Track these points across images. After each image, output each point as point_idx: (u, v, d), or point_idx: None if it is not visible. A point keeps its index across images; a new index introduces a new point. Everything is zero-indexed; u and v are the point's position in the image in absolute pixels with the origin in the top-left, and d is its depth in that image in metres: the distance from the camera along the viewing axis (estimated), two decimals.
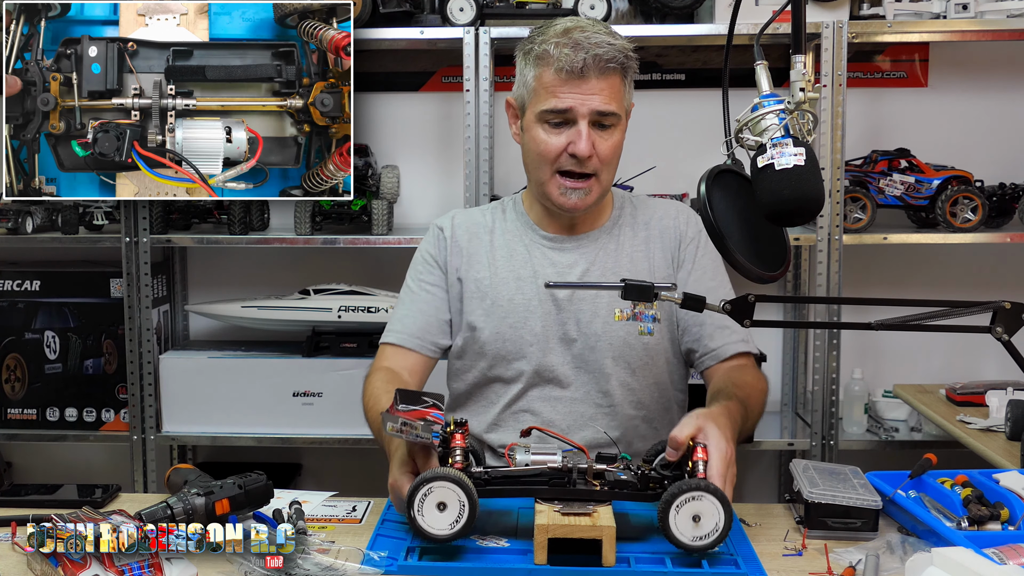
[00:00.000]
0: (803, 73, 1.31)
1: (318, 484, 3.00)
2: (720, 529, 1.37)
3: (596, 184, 1.82)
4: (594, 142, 1.77)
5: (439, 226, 1.97)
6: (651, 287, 1.33)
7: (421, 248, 1.99)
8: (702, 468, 1.43)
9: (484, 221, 1.96)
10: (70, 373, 2.94)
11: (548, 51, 1.76)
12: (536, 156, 1.83)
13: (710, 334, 1.87)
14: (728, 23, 1.49)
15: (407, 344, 1.89)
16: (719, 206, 1.35)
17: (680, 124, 3.02)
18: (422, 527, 1.38)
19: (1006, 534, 1.43)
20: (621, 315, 1.81)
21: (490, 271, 1.90)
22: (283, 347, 2.94)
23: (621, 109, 1.80)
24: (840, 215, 2.71)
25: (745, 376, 1.82)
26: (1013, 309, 1.38)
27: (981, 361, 2.99)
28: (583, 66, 1.73)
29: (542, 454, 1.46)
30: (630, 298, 1.36)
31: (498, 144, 2.84)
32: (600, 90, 1.76)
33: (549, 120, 1.79)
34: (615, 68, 1.76)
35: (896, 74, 3.06)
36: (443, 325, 1.92)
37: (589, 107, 1.76)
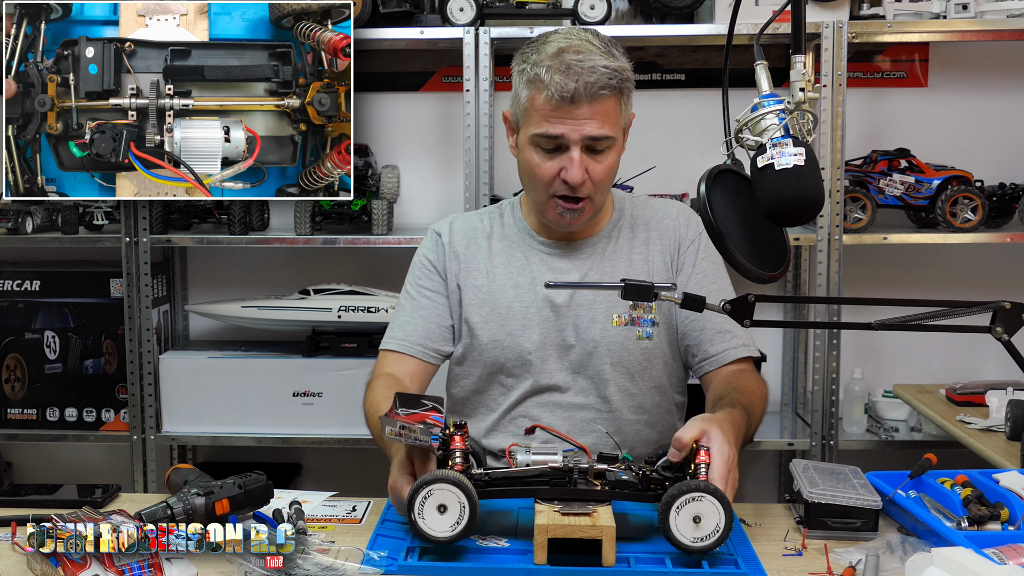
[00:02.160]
0: (803, 73, 1.31)
1: (318, 484, 3.00)
2: (720, 530, 1.37)
3: (589, 204, 1.80)
4: (587, 167, 1.75)
5: (437, 231, 1.96)
6: (651, 287, 1.33)
7: (419, 254, 1.97)
8: (704, 471, 1.43)
9: (482, 227, 1.95)
10: (70, 373, 2.94)
11: (540, 76, 1.72)
12: (530, 179, 1.82)
13: (710, 339, 1.86)
14: (728, 23, 1.49)
15: (409, 351, 1.89)
16: (719, 206, 1.35)
17: (680, 124, 3.02)
18: (423, 529, 1.37)
19: (1006, 534, 1.43)
20: (619, 320, 1.82)
21: (488, 278, 1.89)
22: (283, 347, 2.94)
23: (616, 131, 1.76)
24: (840, 215, 2.71)
25: (746, 382, 1.81)
26: (1013, 309, 1.38)
27: (981, 361, 2.99)
28: (574, 94, 1.69)
29: (543, 454, 1.46)
30: (630, 298, 1.35)
31: (498, 144, 2.84)
32: (593, 115, 1.72)
33: (541, 145, 1.76)
34: (608, 93, 1.72)
35: (896, 74, 3.06)
36: (445, 331, 1.92)
37: (581, 133, 1.72)
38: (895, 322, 1.46)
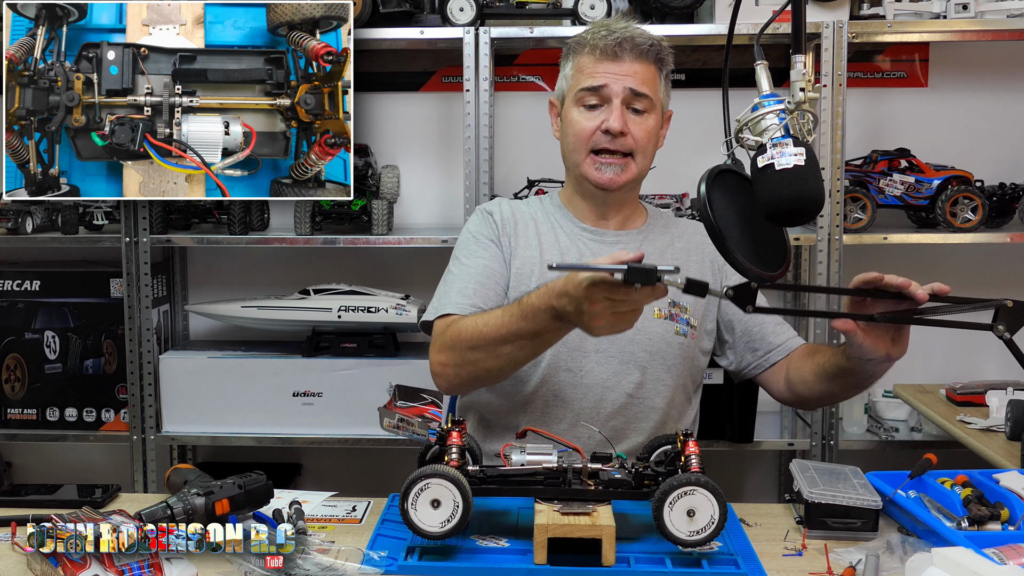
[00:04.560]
0: (803, 73, 1.32)
1: (318, 484, 3.00)
2: (716, 522, 1.37)
3: (631, 163, 1.85)
4: (628, 122, 1.82)
5: (488, 211, 1.96)
6: (654, 269, 1.31)
7: (469, 230, 1.94)
8: (695, 462, 1.42)
9: (528, 210, 1.97)
10: (70, 373, 2.94)
11: (584, 38, 1.85)
12: (572, 138, 1.86)
13: (773, 331, 1.92)
14: (728, 23, 1.50)
15: (469, 313, 1.78)
16: (719, 206, 1.35)
17: (680, 124, 2.99)
18: (414, 522, 1.38)
19: (1006, 534, 1.43)
20: (660, 313, 1.84)
21: (538, 251, 1.89)
22: (283, 347, 2.94)
23: (655, 95, 1.85)
24: (840, 215, 2.71)
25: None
26: (1015, 308, 1.39)
27: (981, 361, 2.99)
28: (616, 45, 1.80)
29: (537, 454, 1.46)
30: (633, 280, 1.32)
31: (498, 144, 2.84)
32: (634, 72, 1.81)
33: (585, 101, 1.84)
34: (649, 54, 1.82)
35: (896, 74, 3.06)
36: (500, 289, 1.86)
37: (623, 84, 1.81)
38: (898, 314, 1.47)
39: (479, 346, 1.65)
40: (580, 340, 1.83)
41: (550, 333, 1.57)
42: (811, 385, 1.82)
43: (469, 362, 1.68)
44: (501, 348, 1.63)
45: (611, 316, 1.42)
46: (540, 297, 1.54)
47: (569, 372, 1.84)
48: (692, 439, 1.45)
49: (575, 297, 1.43)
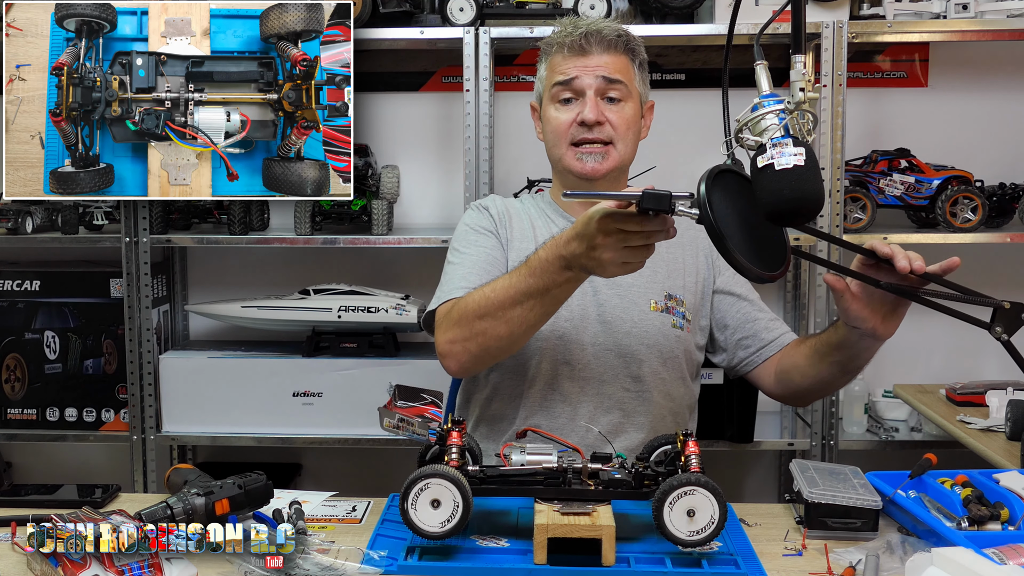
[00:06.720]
0: (803, 73, 1.31)
1: (318, 484, 3.00)
2: (716, 522, 1.37)
3: (612, 150, 1.86)
4: (604, 111, 1.84)
5: (483, 205, 1.98)
6: (669, 195, 1.30)
7: (466, 223, 1.95)
8: (695, 462, 1.43)
9: (521, 206, 1.99)
10: (70, 373, 2.94)
11: (553, 38, 1.89)
12: (552, 134, 1.88)
13: (766, 327, 1.93)
14: (728, 23, 1.49)
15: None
16: (719, 206, 1.35)
17: (680, 124, 3.01)
18: (413, 522, 1.38)
19: (1006, 534, 1.43)
20: (656, 306, 1.84)
21: (534, 246, 1.86)
22: (283, 347, 2.94)
23: (630, 82, 1.86)
24: (840, 215, 2.71)
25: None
26: (1012, 309, 1.38)
27: (981, 361, 2.99)
28: (583, 40, 1.83)
29: (537, 454, 1.46)
30: (648, 206, 1.32)
31: (498, 144, 2.84)
32: (604, 63, 1.84)
33: (559, 96, 1.86)
34: (618, 45, 1.85)
35: (896, 74, 3.06)
36: (502, 273, 1.83)
37: (594, 74, 1.83)
38: (901, 286, 1.47)
39: (488, 313, 1.63)
40: (578, 333, 1.84)
41: (559, 288, 1.56)
42: (804, 370, 1.82)
43: (478, 332, 1.65)
44: (511, 311, 1.60)
45: (623, 251, 1.42)
46: (547, 250, 1.54)
47: (567, 366, 1.85)
48: (692, 439, 1.45)
49: (586, 234, 1.43)
